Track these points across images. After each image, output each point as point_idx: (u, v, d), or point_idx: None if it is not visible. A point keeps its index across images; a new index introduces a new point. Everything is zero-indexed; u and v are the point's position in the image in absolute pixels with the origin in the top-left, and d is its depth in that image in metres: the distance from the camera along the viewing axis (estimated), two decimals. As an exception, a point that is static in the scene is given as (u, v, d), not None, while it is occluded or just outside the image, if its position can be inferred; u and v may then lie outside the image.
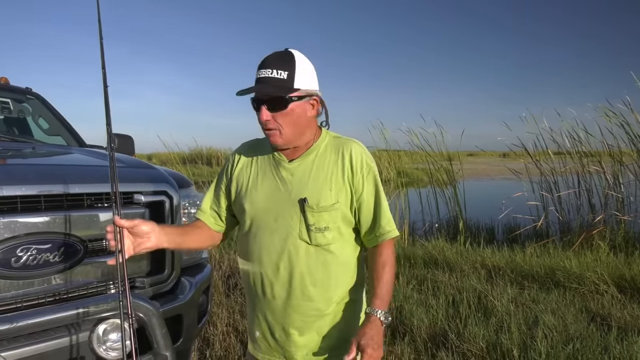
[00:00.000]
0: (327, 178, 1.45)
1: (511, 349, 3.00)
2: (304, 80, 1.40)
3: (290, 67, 1.38)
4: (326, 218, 1.44)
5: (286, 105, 1.39)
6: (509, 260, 5.33)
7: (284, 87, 1.38)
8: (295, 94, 1.40)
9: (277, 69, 1.38)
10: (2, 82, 3.77)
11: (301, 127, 1.44)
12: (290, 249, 1.44)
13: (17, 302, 1.80)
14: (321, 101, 1.48)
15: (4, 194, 1.78)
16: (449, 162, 8.36)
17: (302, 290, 1.45)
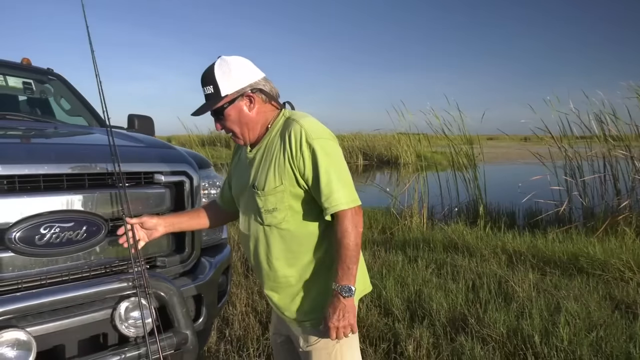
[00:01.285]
0: (273, 162, 1.56)
1: (532, 335, 2.96)
2: (227, 85, 1.55)
3: (212, 80, 1.55)
4: (272, 200, 1.57)
5: (222, 113, 1.58)
6: (531, 245, 5.25)
7: (214, 99, 1.56)
8: (224, 101, 1.56)
9: (205, 86, 1.57)
10: (24, 62, 3.80)
11: (248, 123, 1.60)
12: (252, 229, 1.66)
13: (42, 279, 1.82)
14: (259, 90, 1.59)
15: (27, 172, 1.79)
16: (469, 145, 8.23)
17: (268, 263, 1.64)
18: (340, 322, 1.50)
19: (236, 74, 1.56)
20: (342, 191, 1.50)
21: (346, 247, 1.49)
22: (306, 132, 1.51)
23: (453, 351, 2.89)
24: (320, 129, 1.56)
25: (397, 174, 15.06)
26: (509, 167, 16.73)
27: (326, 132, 1.58)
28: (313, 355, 1.64)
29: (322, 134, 1.54)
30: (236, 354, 2.90)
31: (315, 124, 1.57)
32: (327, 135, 1.56)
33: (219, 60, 1.57)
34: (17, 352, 1.56)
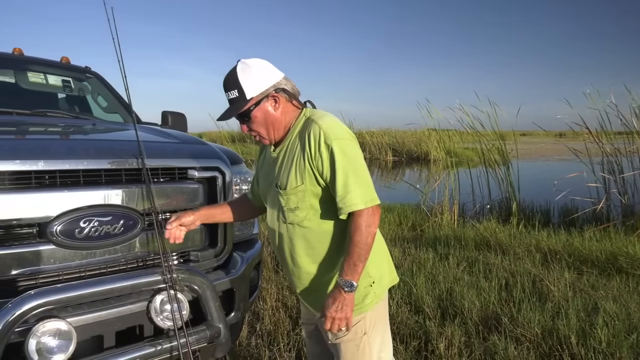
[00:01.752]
0: (294, 162, 1.59)
1: (569, 335, 2.88)
2: (252, 88, 1.57)
3: (236, 84, 1.57)
4: (294, 199, 1.60)
5: (248, 116, 1.60)
6: (566, 244, 5.11)
7: (240, 103, 1.58)
8: (250, 104, 1.58)
9: (229, 91, 1.59)
10: (63, 61, 3.92)
11: (273, 124, 1.63)
12: (277, 227, 1.71)
13: (81, 272, 1.88)
14: (282, 90, 1.61)
15: (68, 167, 1.85)
16: (501, 141, 8.06)
17: (292, 260, 1.69)
18: (337, 314, 1.53)
19: (259, 76, 1.58)
20: (359, 191, 1.52)
21: (356, 245, 1.51)
22: (325, 133, 1.53)
23: (485, 350, 2.84)
24: (339, 129, 1.57)
25: (427, 170, 14.90)
26: (544, 163, 16.32)
27: (345, 132, 1.58)
28: (342, 347, 1.67)
29: (340, 134, 1.55)
30: (267, 348, 2.93)
31: (334, 124, 1.58)
32: (345, 135, 1.56)
33: (240, 64, 1.58)
34: (59, 342, 1.61)
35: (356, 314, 1.62)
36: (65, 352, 1.61)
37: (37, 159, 1.79)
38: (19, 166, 1.75)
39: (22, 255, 1.73)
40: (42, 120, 2.96)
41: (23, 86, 3.56)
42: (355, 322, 1.63)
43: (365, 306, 1.65)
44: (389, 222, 6.82)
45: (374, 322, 1.70)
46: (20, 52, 3.68)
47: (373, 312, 1.69)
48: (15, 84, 3.54)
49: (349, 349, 1.66)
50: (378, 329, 1.71)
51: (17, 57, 3.64)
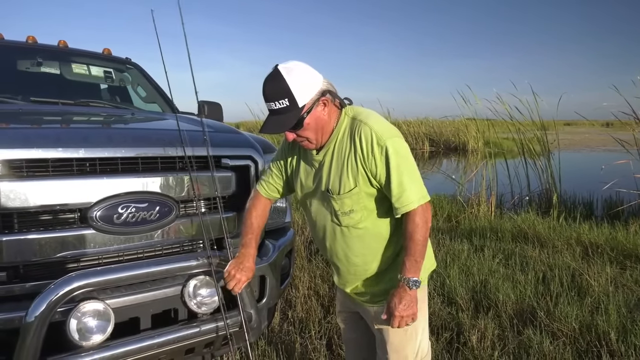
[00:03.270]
0: (345, 165, 1.58)
1: (608, 331, 2.79)
2: (303, 94, 1.50)
3: (287, 93, 1.48)
4: (348, 202, 1.60)
5: (301, 124, 1.53)
6: (609, 237, 4.92)
7: (291, 112, 1.50)
8: (304, 111, 1.52)
9: (277, 100, 1.49)
10: (105, 53, 4.05)
11: (322, 128, 1.59)
12: (328, 230, 1.71)
13: (119, 256, 1.96)
14: (328, 92, 1.57)
15: (107, 155, 1.92)
16: (542, 131, 7.80)
17: (346, 260, 1.71)
18: (405, 312, 1.55)
19: (307, 81, 1.52)
20: (413, 189, 1.53)
21: (416, 242, 1.54)
22: (376, 133, 1.53)
23: (520, 344, 2.79)
24: (388, 128, 1.57)
25: (464, 161, 14.61)
26: (588, 154, 15.71)
27: (393, 130, 1.58)
28: (390, 332, 1.71)
29: (391, 133, 1.55)
30: (298, 335, 2.97)
31: (382, 124, 1.58)
32: (395, 134, 1.57)
33: (283, 70, 1.50)
34: (98, 322, 1.69)
35: None
36: (104, 332, 1.68)
37: (79, 147, 1.86)
38: (62, 154, 1.82)
39: (65, 239, 1.81)
40: (85, 110, 3.07)
41: (67, 77, 3.70)
42: None
43: None
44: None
45: (419, 308, 1.70)
46: (65, 44, 3.82)
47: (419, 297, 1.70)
48: (60, 75, 3.68)
49: (398, 334, 1.70)
50: (422, 314, 1.75)
51: (62, 49, 3.78)
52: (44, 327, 1.56)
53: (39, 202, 1.74)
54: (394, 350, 1.73)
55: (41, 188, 1.75)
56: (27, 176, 1.76)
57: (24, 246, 1.73)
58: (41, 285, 1.71)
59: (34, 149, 1.77)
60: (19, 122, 2.32)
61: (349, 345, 2.06)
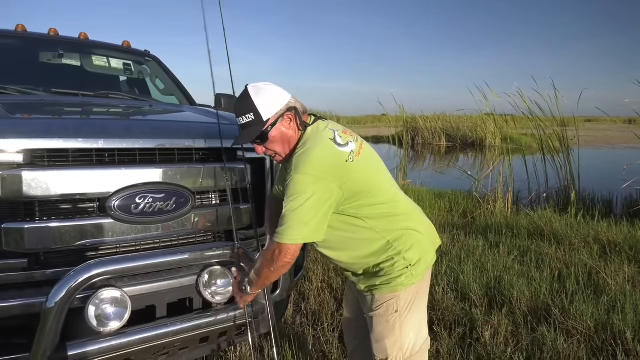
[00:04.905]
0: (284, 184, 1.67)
1: (624, 331, 2.76)
2: (267, 109, 1.63)
3: (251, 108, 1.62)
4: None
5: (266, 136, 1.65)
6: (628, 236, 4.84)
7: (257, 125, 1.63)
8: (268, 124, 1.63)
9: (244, 115, 1.63)
10: (125, 45, 4.10)
11: (289, 141, 1.69)
12: None
13: (136, 245, 2.00)
14: (294, 109, 1.68)
15: (126, 146, 1.95)
16: (562, 127, 7.68)
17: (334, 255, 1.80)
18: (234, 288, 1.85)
19: (273, 97, 1.65)
20: (288, 224, 1.57)
21: (260, 268, 1.69)
22: (295, 164, 1.59)
23: (533, 341, 2.77)
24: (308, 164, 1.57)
25: (481, 156, 14.47)
26: (609, 151, 15.43)
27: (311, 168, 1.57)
28: (374, 320, 1.78)
29: (305, 170, 1.56)
30: (311, 327, 2.99)
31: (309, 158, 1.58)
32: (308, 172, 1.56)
33: (251, 88, 1.65)
34: (115, 309, 1.73)
35: (390, 291, 1.72)
36: (121, 319, 1.73)
37: (98, 138, 1.90)
38: (82, 144, 1.86)
39: (84, 228, 1.86)
40: (104, 101, 3.13)
41: (88, 69, 3.76)
42: (389, 298, 1.73)
43: (399, 285, 1.72)
44: (439, 208, 6.72)
45: (408, 303, 1.75)
46: (86, 36, 3.88)
47: (408, 292, 1.75)
48: (80, 67, 3.74)
49: (380, 323, 1.76)
50: (411, 311, 1.76)
51: (83, 41, 3.84)
52: (63, 313, 1.60)
53: (60, 192, 1.79)
54: (375, 339, 1.79)
55: (62, 177, 1.79)
56: (48, 166, 1.80)
57: (44, 234, 1.78)
58: (61, 272, 1.75)
59: (55, 139, 1.81)
60: (40, 112, 2.38)
61: (345, 325, 2.16)
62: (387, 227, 1.72)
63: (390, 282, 1.72)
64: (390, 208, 1.73)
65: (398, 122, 20.88)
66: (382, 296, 1.75)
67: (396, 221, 1.74)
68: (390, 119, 22.27)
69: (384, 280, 1.73)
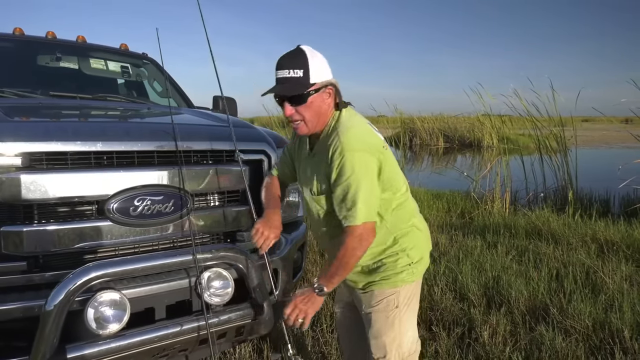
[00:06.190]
0: (320, 169, 1.65)
1: (622, 329, 2.77)
2: (317, 74, 1.57)
3: (304, 65, 1.55)
4: (326, 203, 1.68)
5: (306, 99, 1.58)
6: (626, 235, 4.86)
7: (301, 83, 1.55)
8: (312, 88, 1.57)
9: (293, 69, 1.55)
10: (122, 48, 4.10)
11: (321, 115, 1.63)
12: (318, 225, 1.79)
13: (135, 247, 2.00)
14: (334, 87, 1.64)
15: (124, 149, 1.96)
16: (560, 127, 7.70)
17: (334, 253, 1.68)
18: (301, 305, 1.63)
19: (323, 65, 1.60)
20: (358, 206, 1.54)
21: (339, 258, 1.59)
22: (342, 144, 1.55)
23: (532, 340, 2.78)
24: (357, 141, 1.56)
25: (479, 157, 14.50)
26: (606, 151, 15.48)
27: (362, 144, 1.57)
28: (373, 315, 1.79)
29: (356, 147, 1.55)
30: (310, 328, 2.99)
31: (355, 136, 1.58)
32: (360, 148, 1.56)
33: (306, 48, 1.58)
34: (114, 311, 1.73)
35: (390, 287, 1.74)
36: (120, 321, 1.72)
37: (96, 141, 1.91)
38: (80, 147, 1.87)
39: (83, 230, 1.86)
40: (102, 104, 3.13)
41: (86, 72, 3.76)
42: (390, 294, 1.75)
43: (400, 280, 1.74)
44: (437, 208, 6.73)
45: (407, 300, 1.78)
46: (84, 39, 3.89)
47: (408, 289, 1.77)
48: (78, 69, 3.74)
49: (379, 319, 1.77)
50: (410, 308, 1.80)
51: (81, 44, 3.84)
52: (62, 316, 1.60)
53: (58, 194, 1.79)
54: (373, 335, 1.79)
55: (60, 180, 1.80)
56: (46, 169, 1.81)
57: (43, 237, 1.78)
58: (60, 274, 1.75)
59: (54, 142, 1.82)
60: (38, 115, 2.38)
61: (341, 330, 2.16)
62: (397, 223, 1.73)
63: (391, 277, 1.73)
64: (402, 204, 1.75)
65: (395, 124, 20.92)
66: (382, 292, 1.76)
67: (405, 218, 1.76)
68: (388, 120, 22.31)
69: (385, 276, 1.74)
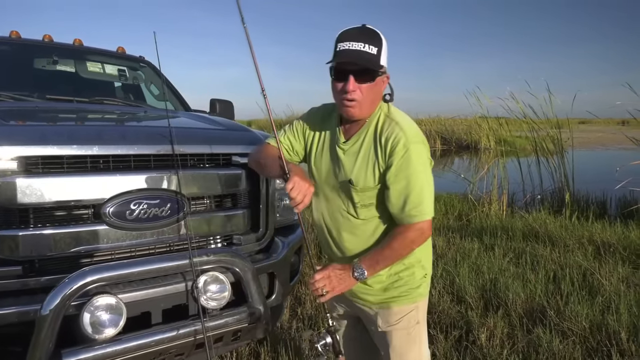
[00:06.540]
0: (371, 161, 1.53)
1: (619, 331, 2.77)
2: (384, 58, 1.48)
3: (379, 44, 1.45)
4: (369, 196, 1.56)
5: (374, 78, 1.47)
6: (622, 236, 4.88)
7: (373, 61, 1.44)
8: (381, 70, 1.48)
9: (368, 44, 1.43)
10: (119, 51, 4.10)
11: (375, 101, 1.54)
12: (341, 220, 1.64)
13: (131, 251, 2.00)
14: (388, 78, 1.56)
15: (120, 152, 1.95)
16: (556, 129, 7.72)
17: (353, 254, 1.63)
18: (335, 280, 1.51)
19: (386, 52, 1.50)
20: (424, 202, 1.50)
21: (394, 250, 1.51)
22: (405, 135, 1.48)
23: (529, 343, 2.78)
24: (417, 133, 1.53)
25: (476, 159, 14.53)
26: (602, 153, 15.53)
27: (421, 136, 1.55)
28: (393, 334, 1.67)
29: (418, 138, 1.51)
30: (307, 331, 2.99)
31: (413, 127, 1.53)
32: (421, 140, 1.53)
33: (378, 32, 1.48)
34: (110, 316, 1.72)
35: (410, 302, 1.65)
36: (116, 326, 1.72)
37: (93, 144, 1.90)
38: (76, 151, 1.86)
39: (79, 234, 1.85)
40: (99, 107, 3.12)
41: (82, 75, 3.76)
42: (409, 310, 1.65)
43: (418, 295, 1.67)
44: (434, 210, 6.73)
45: (423, 313, 1.72)
46: (80, 42, 3.88)
47: (424, 303, 1.71)
48: (75, 73, 3.74)
49: (401, 337, 1.67)
50: (425, 320, 1.74)
51: (78, 47, 3.84)
52: (58, 320, 1.60)
53: (54, 198, 1.78)
54: (396, 354, 1.68)
55: (56, 184, 1.79)
56: (42, 172, 1.80)
57: (39, 241, 1.77)
58: (56, 279, 1.74)
59: (50, 146, 1.81)
60: (35, 119, 2.37)
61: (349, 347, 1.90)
62: None
63: (410, 292, 1.64)
64: None
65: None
66: (401, 308, 1.65)
67: None
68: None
69: (403, 292, 1.64)
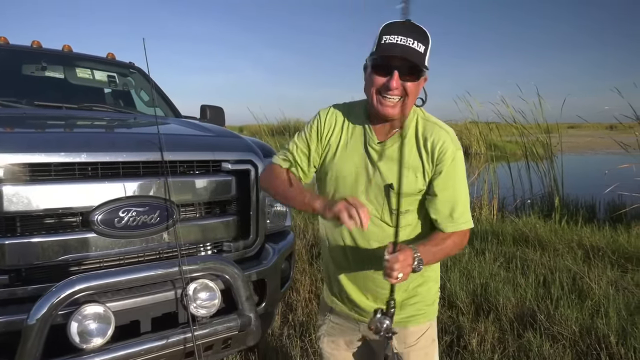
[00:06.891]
0: (414, 165, 1.44)
1: (608, 334, 2.79)
2: (428, 57, 1.39)
3: (427, 43, 1.36)
4: (409, 201, 1.46)
5: (419, 77, 1.37)
6: (611, 240, 4.92)
7: (421, 59, 1.35)
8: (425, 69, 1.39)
9: (418, 41, 1.33)
10: (109, 57, 4.08)
11: (413, 102, 1.44)
12: (371, 229, 1.46)
13: (120, 259, 1.98)
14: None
15: (109, 159, 1.94)
16: (546, 134, 7.79)
17: (370, 269, 1.50)
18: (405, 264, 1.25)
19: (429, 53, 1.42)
20: (468, 209, 1.49)
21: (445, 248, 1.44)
22: (452, 143, 1.45)
23: (520, 347, 2.80)
24: (457, 140, 1.50)
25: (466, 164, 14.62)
26: (591, 157, 15.68)
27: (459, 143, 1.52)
28: (411, 355, 1.58)
29: (459, 145, 1.48)
30: (299, 338, 2.98)
31: (454, 133, 1.50)
32: (460, 146, 1.50)
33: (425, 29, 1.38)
34: (98, 325, 1.70)
35: (427, 320, 1.60)
36: (104, 335, 1.70)
37: (81, 152, 1.89)
38: (64, 158, 1.85)
39: (67, 242, 1.84)
40: (88, 114, 3.11)
41: (71, 81, 3.74)
42: (426, 329, 1.60)
43: (432, 312, 1.63)
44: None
45: (436, 330, 1.67)
46: (69, 48, 3.86)
47: (437, 320, 1.68)
48: (64, 79, 3.72)
49: (418, 357, 1.59)
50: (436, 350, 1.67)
51: (67, 53, 3.82)
52: (45, 330, 1.58)
53: (42, 206, 1.77)
54: None
55: (44, 192, 1.77)
56: (30, 180, 1.78)
57: (26, 249, 1.76)
58: (43, 288, 1.73)
59: (37, 153, 1.79)
60: (22, 126, 2.35)
61: None
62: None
63: (426, 310, 1.58)
64: None
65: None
66: (419, 327, 1.58)
67: None
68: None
69: (420, 309, 1.57)
